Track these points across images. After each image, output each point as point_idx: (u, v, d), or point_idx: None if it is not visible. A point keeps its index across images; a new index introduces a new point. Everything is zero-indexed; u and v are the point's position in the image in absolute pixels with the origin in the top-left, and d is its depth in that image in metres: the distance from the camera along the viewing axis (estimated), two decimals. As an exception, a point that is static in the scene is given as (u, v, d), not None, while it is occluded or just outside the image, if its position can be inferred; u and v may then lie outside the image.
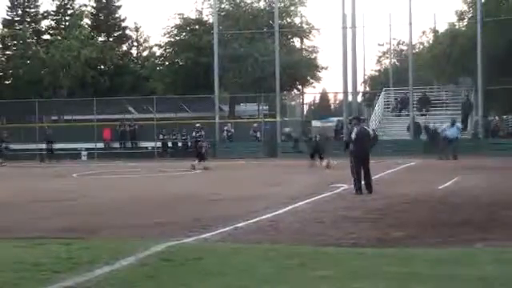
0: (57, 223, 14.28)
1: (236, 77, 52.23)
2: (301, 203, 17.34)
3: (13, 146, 45.97)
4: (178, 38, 58.28)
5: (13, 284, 8.24)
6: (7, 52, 66.47)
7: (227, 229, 12.95)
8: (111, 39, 67.72)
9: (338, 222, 13.89)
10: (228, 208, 16.60)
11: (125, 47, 69.98)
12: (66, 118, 56.05)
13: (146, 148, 48.82)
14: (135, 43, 71.15)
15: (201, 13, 58.66)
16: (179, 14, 57.96)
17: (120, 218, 15.32)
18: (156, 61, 63.25)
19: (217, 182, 26.71)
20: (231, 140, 47.43)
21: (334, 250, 10.70)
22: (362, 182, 19.73)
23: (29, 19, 68.96)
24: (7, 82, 65.55)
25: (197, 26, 57.64)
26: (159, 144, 48.48)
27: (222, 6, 56.63)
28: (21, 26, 65.90)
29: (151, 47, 67.53)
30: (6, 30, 66.82)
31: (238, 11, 56.24)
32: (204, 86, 51.43)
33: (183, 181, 28.31)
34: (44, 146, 46.96)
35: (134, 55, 70.80)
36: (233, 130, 47.91)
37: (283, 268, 8.98)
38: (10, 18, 68.70)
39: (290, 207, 16.52)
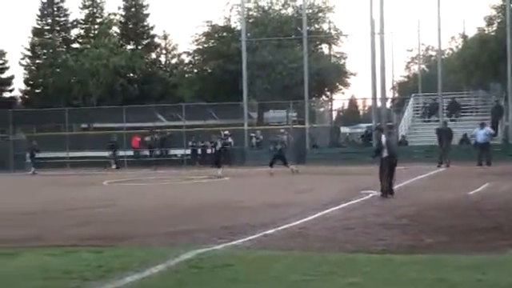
0: (87, 231, 14.34)
1: (264, 83, 52.23)
2: (330, 210, 17.29)
3: (43, 155, 46.21)
4: (206, 45, 58.42)
5: (44, 291, 8.31)
6: (37, 61, 67.01)
7: (256, 236, 12.93)
8: (140, 47, 68.02)
9: (367, 229, 13.82)
10: (257, 215, 16.57)
11: (153, 55, 70.30)
12: (95, 125, 56.31)
13: (175, 155, 48.89)
14: (163, 51, 71.44)
15: (229, 20, 58.75)
16: (207, 22, 58.12)
17: (149, 225, 15.35)
18: (184, 68, 63.50)
19: (245, 189, 26.70)
20: (260, 147, 47.40)
21: (364, 256, 10.65)
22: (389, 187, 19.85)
23: (58, 28, 69.48)
24: (37, 91, 66.11)
25: (225, 34, 57.73)
26: (188, 151, 48.54)
27: (250, 13, 56.66)
28: (50, 35, 66.43)
29: (179, 55, 67.75)
30: (36, 38, 67.40)
31: (266, 18, 56.24)
32: (232, 93, 51.47)
33: (212, 188, 28.33)
34: (109, 153, 46.93)
35: (163, 63, 71.04)
36: (261, 137, 47.86)
37: (312, 275, 8.95)
38: (39, 26, 69.26)
39: (319, 214, 16.47)
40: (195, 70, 60.91)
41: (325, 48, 60.68)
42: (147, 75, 63.28)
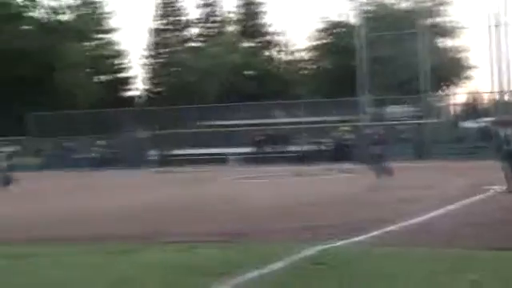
0: (208, 227, 14.49)
1: (382, 78, 51.70)
2: (453, 205, 16.94)
3: (167, 152, 47.10)
4: (322, 41, 58.32)
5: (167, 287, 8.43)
6: (156, 60, 68.45)
7: (378, 232, 12.77)
8: (257, 45, 68.50)
9: (491, 225, 13.45)
10: (379, 211, 16.38)
11: (270, 52, 70.67)
12: (213, 123, 57.02)
13: (294, 152, 48.98)
14: (280, 48, 71.69)
15: (345, 16, 58.49)
16: (324, 18, 58.01)
17: (270, 221, 15.38)
18: (301, 65, 63.56)
19: (364, 184, 26.46)
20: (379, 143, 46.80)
21: (488, 253, 10.37)
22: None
23: (177, 27, 70.71)
24: (157, 90, 67.53)
25: (342, 29, 57.49)
26: (306, 148, 48.53)
27: (367, 7, 56.20)
28: (168, 35, 67.72)
29: (296, 51, 67.89)
30: (153, 38, 68.84)
31: (383, 12, 55.68)
32: (349, 88, 51.20)
33: (330, 184, 28.22)
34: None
35: (280, 60, 71.33)
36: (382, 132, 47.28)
37: (434, 272, 8.77)
38: (159, 26, 70.68)
39: (441, 210, 16.14)
40: (312, 67, 60.89)
41: (444, 41, 59.59)
42: (264, 72, 63.65)
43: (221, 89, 59.64)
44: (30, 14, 58.36)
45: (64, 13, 59.56)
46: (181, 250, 11.20)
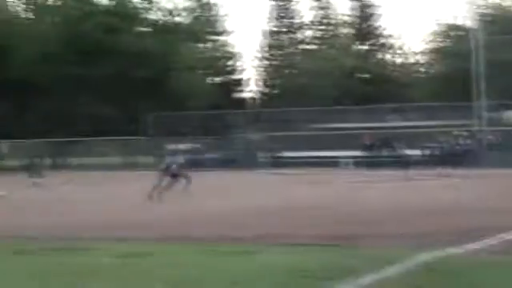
0: (322, 230, 14.50)
1: (498, 83, 50.48)
2: None
3: (279, 154, 47.28)
4: (438, 44, 57.48)
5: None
6: (270, 63, 68.86)
7: (494, 241, 12.50)
8: (370, 47, 68.08)
9: None
10: (497, 219, 16.01)
11: (384, 55, 70.11)
12: (326, 126, 56.90)
13: (406, 156, 48.31)
14: (394, 51, 71.02)
15: (462, 18, 57.45)
16: (439, 21, 57.16)
17: (382, 226, 15.29)
18: (415, 68, 62.81)
19: (480, 191, 25.94)
20: (497, 148, 45.77)
21: None
22: None
23: (290, 29, 70.96)
24: (271, 92, 67.90)
25: (458, 32, 56.48)
26: (419, 152, 47.81)
27: (484, 10, 55.03)
28: (282, 37, 68.02)
29: (410, 55, 67.13)
30: (268, 40, 69.27)
31: (500, 15, 54.41)
32: (464, 92, 50.22)
33: (444, 189, 27.73)
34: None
35: (393, 63, 70.67)
36: (497, 139, 46.27)
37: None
38: (272, 29, 71.09)
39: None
40: (426, 70, 60.09)
41: None
42: (377, 75, 63.18)
43: (333, 91, 59.51)
44: (147, 15, 59.58)
45: (179, 15, 60.58)
46: (294, 252, 11.27)
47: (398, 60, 70.44)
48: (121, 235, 14.08)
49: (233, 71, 73.40)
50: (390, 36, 70.35)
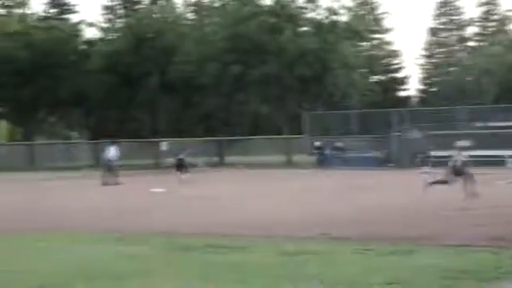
0: (483, 231, 14.09)
1: None
2: None
3: (438, 153, 46.35)
4: None
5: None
6: (433, 60, 67.84)
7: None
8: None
9: None
10: None
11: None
12: (490, 124, 55.32)
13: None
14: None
15: None
16: None
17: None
18: None
19: None
20: None
21: None
22: None
23: (454, 27, 69.68)
24: (433, 89, 66.83)
25: None
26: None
27: None
28: (446, 34, 66.86)
29: None
30: (432, 38, 68.26)
31: None
32: None
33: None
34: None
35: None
36: None
37: None
38: (435, 26, 70.04)
39: None
40: None
41: None
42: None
43: (498, 89, 57.80)
44: (309, 14, 59.81)
45: (341, 13, 60.46)
46: (452, 253, 11.03)
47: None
48: (283, 233, 14.32)
49: (394, 69, 72.74)
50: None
